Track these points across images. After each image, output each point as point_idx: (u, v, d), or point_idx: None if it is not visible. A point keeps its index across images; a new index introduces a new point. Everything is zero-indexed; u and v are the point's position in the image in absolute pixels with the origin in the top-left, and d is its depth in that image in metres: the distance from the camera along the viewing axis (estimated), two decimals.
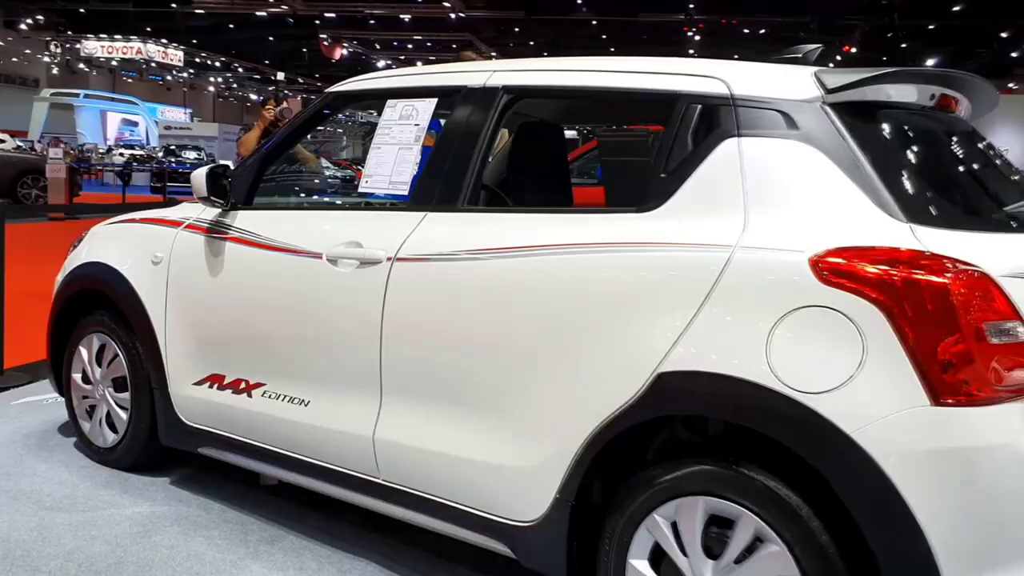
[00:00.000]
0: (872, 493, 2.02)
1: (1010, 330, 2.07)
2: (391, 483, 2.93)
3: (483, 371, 2.68)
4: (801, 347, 2.14)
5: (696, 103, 2.52)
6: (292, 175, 4.84)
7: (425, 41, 41.50)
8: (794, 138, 2.35)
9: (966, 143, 2.76)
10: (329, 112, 3.56)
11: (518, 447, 2.60)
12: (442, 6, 33.98)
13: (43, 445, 4.16)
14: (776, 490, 2.15)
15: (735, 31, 36.51)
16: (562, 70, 2.96)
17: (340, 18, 37.13)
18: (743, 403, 2.19)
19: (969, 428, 2.00)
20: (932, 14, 31.45)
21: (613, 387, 2.39)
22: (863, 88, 2.39)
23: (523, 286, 2.61)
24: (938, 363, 2.01)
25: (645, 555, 2.38)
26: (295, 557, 3.15)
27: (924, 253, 2.10)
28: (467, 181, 2.88)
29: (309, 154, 7.67)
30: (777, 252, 2.22)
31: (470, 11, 35.31)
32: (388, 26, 38.84)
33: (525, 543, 2.61)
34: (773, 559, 2.16)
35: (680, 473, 2.31)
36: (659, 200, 2.48)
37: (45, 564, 3.01)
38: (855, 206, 2.23)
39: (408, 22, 37.52)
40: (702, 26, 35.80)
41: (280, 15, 36.61)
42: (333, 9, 35.85)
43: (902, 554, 2.01)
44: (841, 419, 2.04)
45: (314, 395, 3.13)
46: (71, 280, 4.01)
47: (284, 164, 4.92)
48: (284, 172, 4.73)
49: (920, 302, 2.03)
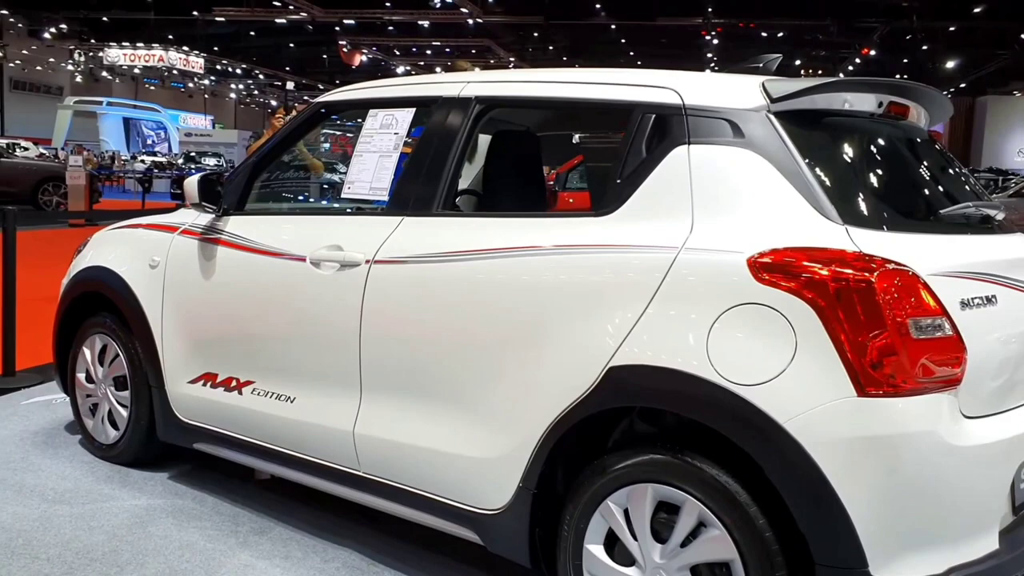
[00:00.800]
0: (801, 479, 2.14)
1: (935, 326, 2.20)
2: (371, 475, 3.07)
3: (452, 367, 2.83)
4: (738, 342, 2.27)
5: (650, 112, 2.65)
6: (282, 181, 5.00)
7: (444, 47, 41.77)
8: (740, 145, 2.47)
9: (916, 149, 2.88)
10: (316, 121, 3.72)
11: (484, 439, 2.74)
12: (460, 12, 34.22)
13: (50, 442, 4.34)
14: (717, 477, 2.28)
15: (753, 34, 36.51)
16: (531, 82, 3.10)
17: (359, 24, 37.47)
18: (684, 395, 2.32)
19: (892, 417, 2.12)
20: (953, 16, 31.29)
21: (569, 381, 2.52)
22: (807, 97, 2.52)
23: (488, 287, 2.75)
24: (863, 356, 2.13)
25: (600, 540, 2.52)
26: (282, 546, 3.31)
27: (854, 253, 2.22)
28: (441, 187, 3.02)
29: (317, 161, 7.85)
30: (718, 253, 2.35)
31: (488, 17, 35.51)
32: (407, 32, 39.16)
33: (491, 530, 2.75)
34: (714, 542, 2.29)
35: (631, 462, 2.44)
36: (615, 205, 2.62)
37: (44, 552, 3.18)
38: (794, 209, 2.36)
39: (427, 28, 37.79)
40: (719, 30, 35.81)
41: (299, 22, 36.97)
42: (352, 15, 36.17)
43: (829, 535, 2.13)
44: (773, 409, 2.17)
45: (299, 392, 3.28)
46: (75, 283, 4.20)
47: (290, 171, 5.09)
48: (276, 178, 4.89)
49: (847, 299, 2.16)
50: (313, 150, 7.85)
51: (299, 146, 5.94)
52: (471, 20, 34.67)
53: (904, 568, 2.13)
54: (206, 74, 46.07)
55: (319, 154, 8.68)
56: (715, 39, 36.78)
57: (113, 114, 43.54)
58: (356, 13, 35.83)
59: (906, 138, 2.88)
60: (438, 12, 34.87)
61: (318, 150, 5.64)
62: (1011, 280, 2.50)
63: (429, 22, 36.65)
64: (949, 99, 2.99)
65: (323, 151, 11.93)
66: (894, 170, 2.77)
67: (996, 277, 2.45)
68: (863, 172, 2.59)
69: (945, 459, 2.17)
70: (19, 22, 39.48)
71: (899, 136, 2.86)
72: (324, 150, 5.93)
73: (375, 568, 3.16)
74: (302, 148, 6.20)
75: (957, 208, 2.64)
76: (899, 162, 2.79)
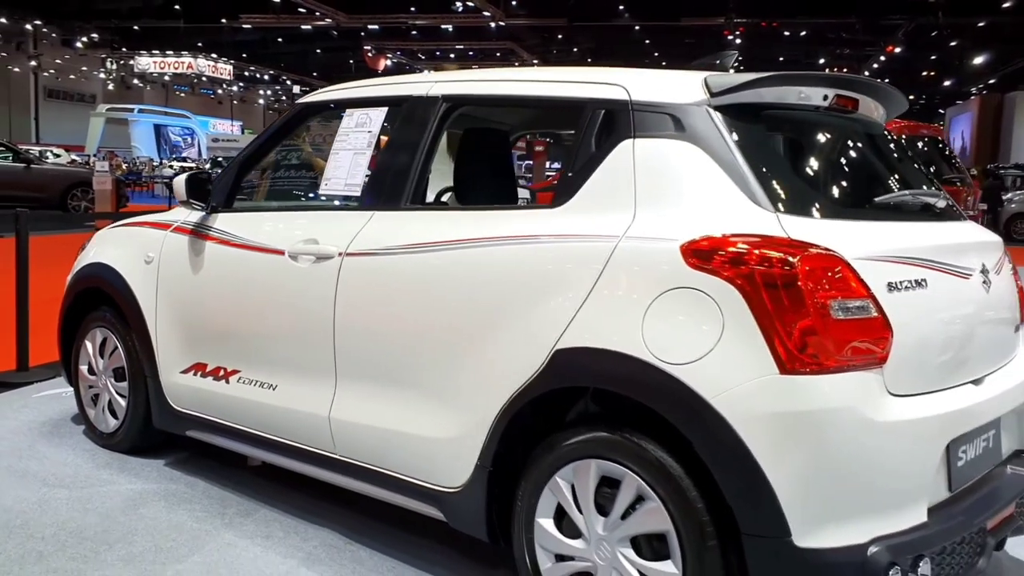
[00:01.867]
0: (726, 452, 2.26)
1: (859, 307, 2.31)
2: (346, 458, 3.22)
3: (416, 353, 2.97)
4: (670, 324, 2.39)
5: (600, 108, 2.78)
6: (268, 179, 5.18)
7: (467, 50, 42.02)
8: (681, 138, 2.60)
9: (864, 141, 2.98)
10: (299, 121, 3.88)
11: (445, 420, 2.88)
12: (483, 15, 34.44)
13: (56, 432, 4.53)
14: (653, 453, 2.40)
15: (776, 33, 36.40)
16: (493, 80, 3.24)
17: (383, 29, 37.81)
18: (621, 374, 2.45)
19: (813, 394, 2.23)
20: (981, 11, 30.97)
21: (520, 364, 2.66)
22: (746, 91, 2.63)
23: (448, 277, 2.89)
24: (785, 336, 2.24)
25: (550, 514, 2.64)
26: (264, 527, 3.47)
27: (779, 238, 2.34)
28: (409, 182, 3.17)
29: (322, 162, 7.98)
30: (655, 241, 2.48)
31: (511, 20, 35.70)
32: (430, 36, 39.44)
33: (452, 507, 2.89)
34: (651, 514, 2.41)
35: (577, 439, 2.57)
36: (566, 197, 2.75)
37: (40, 532, 3.35)
38: (729, 198, 2.47)
39: (450, 32, 38.06)
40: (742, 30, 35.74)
41: (324, 28, 37.39)
42: (376, 20, 36.53)
43: (753, 506, 2.25)
44: (701, 386, 2.29)
45: (281, 380, 3.44)
46: (77, 279, 4.39)
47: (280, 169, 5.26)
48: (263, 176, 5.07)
49: (770, 282, 2.27)
50: (319, 151, 8.00)
51: (306, 150, 6.11)
52: (492, 24, 34.83)
53: (827, 537, 2.23)
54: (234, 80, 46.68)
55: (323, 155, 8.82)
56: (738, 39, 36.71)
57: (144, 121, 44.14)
58: (380, 18, 36.20)
59: (855, 130, 2.99)
60: (461, 16, 35.11)
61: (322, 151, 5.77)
62: (943, 264, 2.60)
63: (452, 26, 36.92)
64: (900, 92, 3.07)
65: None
66: (835, 160, 2.88)
67: (927, 261, 2.55)
68: (800, 162, 2.70)
69: (867, 434, 2.27)
70: (52, 32, 40.22)
71: (848, 128, 2.96)
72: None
73: (351, 547, 3.31)
74: (310, 154, 6.32)
75: (893, 196, 2.74)
76: (841, 153, 2.90)
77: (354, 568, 3.15)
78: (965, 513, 2.51)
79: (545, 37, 41.15)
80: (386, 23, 36.78)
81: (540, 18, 36.76)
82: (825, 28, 35.64)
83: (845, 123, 2.96)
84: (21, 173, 17.78)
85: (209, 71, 42.78)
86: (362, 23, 36.76)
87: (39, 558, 3.14)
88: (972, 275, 2.71)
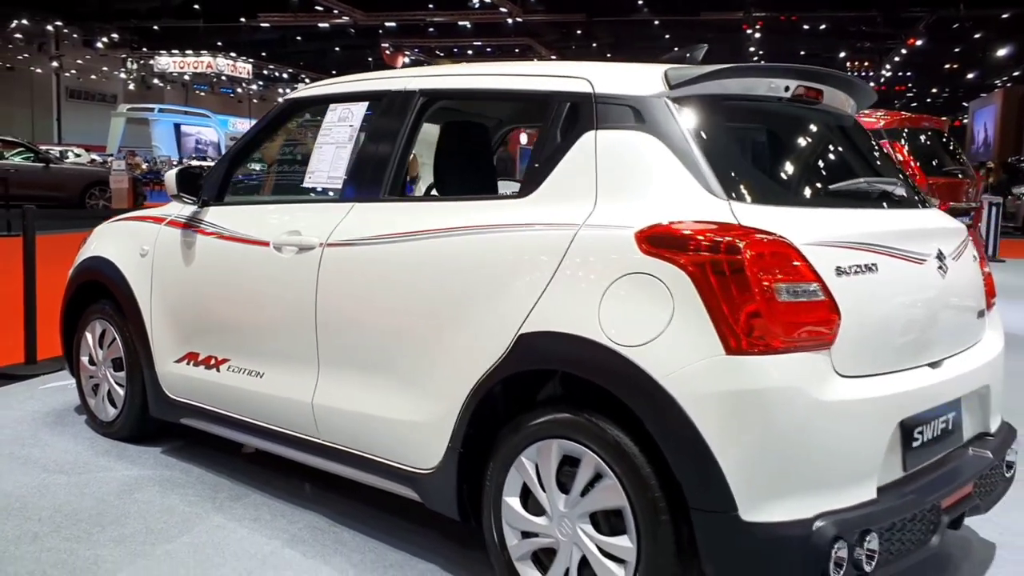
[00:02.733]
0: (675, 430, 2.35)
1: (806, 291, 2.38)
2: (329, 442, 3.33)
3: (390, 339, 3.08)
4: (624, 308, 2.47)
5: (566, 101, 2.87)
6: (259, 173, 5.31)
7: (485, 46, 42.06)
8: (640, 129, 2.68)
9: (825, 131, 3.05)
10: (286, 117, 3.99)
11: (419, 404, 2.98)
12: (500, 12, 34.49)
13: (59, 421, 4.68)
14: (610, 432, 2.49)
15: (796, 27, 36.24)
16: (468, 75, 3.34)
17: (400, 27, 37.94)
18: (578, 356, 2.54)
19: (758, 374, 2.31)
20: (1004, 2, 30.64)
21: (487, 349, 2.76)
22: (704, 83, 2.72)
23: (420, 265, 2.99)
24: (731, 318, 2.32)
25: (516, 493, 2.74)
26: (253, 510, 3.58)
27: (727, 224, 2.42)
28: (388, 174, 3.27)
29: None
30: (612, 229, 2.57)
31: (528, 16, 35.72)
32: (448, 33, 39.52)
33: (426, 488, 2.99)
34: (608, 490, 2.50)
35: (540, 420, 2.67)
36: (533, 187, 2.85)
37: (37, 514, 3.49)
38: (683, 187, 2.56)
39: (468, 28, 38.14)
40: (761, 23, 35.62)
41: (342, 26, 37.57)
42: (393, 18, 36.65)
43: (700, 481, 2.33)
44: (651, 367, 2.38)
45: (267, 368, 3.56)
46: (78, 273, 4.53)
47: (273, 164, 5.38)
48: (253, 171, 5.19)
49: (717, 266, 2.35)
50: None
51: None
52: (509, 20, 34.88)
53: (773, 512, 2.31)
54: (253, 79, 46.99)
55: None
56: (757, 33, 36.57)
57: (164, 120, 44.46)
58: (397, 15, 36.30)
59: (820, 121, 3.06)
60: (478, 12, 35.18)
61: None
62: (896, 250, 2.67)
63: (470, 22, 36.99)
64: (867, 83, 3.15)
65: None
66: (794, 150, 2.95)
67: (879, 247, 2.62)
68: (759, 152, 2.78)
69: (812, 413, 2.34)
70: (73, 32, 40.66)
71: (812, 119, 3.03)
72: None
73: (335, 528, 3.42)
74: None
75: (848, 184, 2.81)
76: (801, 142, 2.98)
77: (336, 548, 3.26)
78: (917, 491, 2.58)
79: (564, 33, 41.11)
80: (403, 20, 36.89)
81: (558, 13, 36.77)
82: (845, 21, 35.42)
83: (809, 114, 3.03)
84: (40, 173, 18.12)
85: (228, 70, 43.11)
86: (379, 21, 36.89)
87: (34, 538, 3.27)
88: (927, 261, 2.78)
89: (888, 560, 2.45)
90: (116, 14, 38.14)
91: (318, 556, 3.19)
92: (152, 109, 43.56)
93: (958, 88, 48.59)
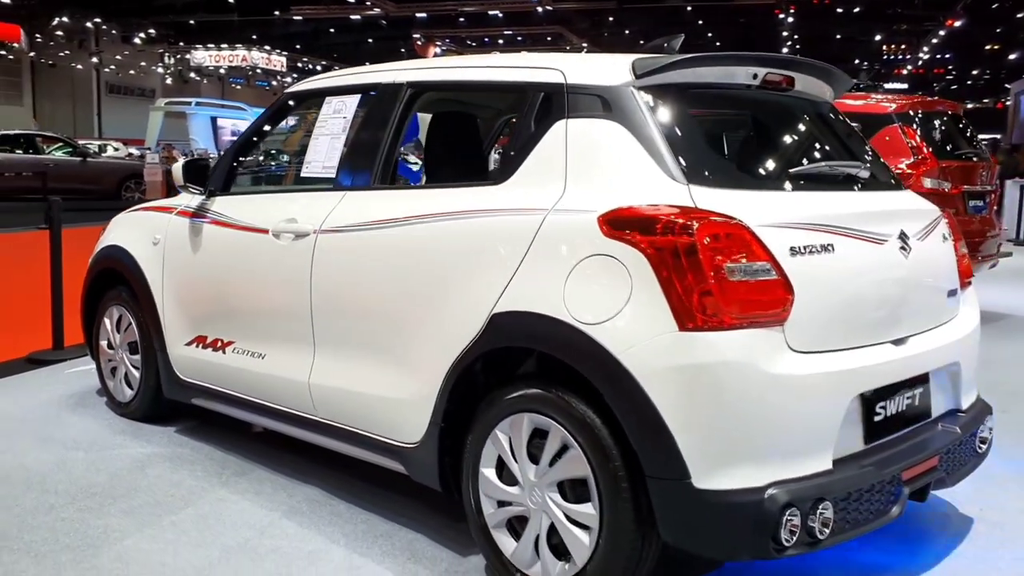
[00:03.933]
0: (631, 402, 2.47)
1: (758, 270, 2.50)
2: (324, 419, 3.50)
3: (378, 320, 3.24)
4: (587, 287, 2.61)
5: (540, 91, 3.00)
6: (263, 164, 5.49)
7: (516, 35, 42.13)
8: (607, 118, 2.81)
9: (794, 116, 3.15)
10: (286, 110, 4.16)
11: (403, 382, 3.13)
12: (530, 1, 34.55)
13: (81, 403, 4.91)
14: (575, 405, 2.63)
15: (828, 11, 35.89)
16: (451, 67, 3.48)
17: (431, 18, 38.12)
18: (545, 334, 2.68)
19: (709, 349, 2.43)
20: None
21: (464, 328, 2.90)
22: (668, 72, 2.83)
23: (403, 249, 3.15)
24: (684, 296, 2.44)
25: (492, 464, 2.88)
26: (256, 485, 3.77)
27: (683, 207, 2.54)
28: (377, 163, 3.43)
29: None
30: (577, 213, 2.70)
31: (558, 3, 35.71)
32: (479, 22, 39.66)
33: (411, 461, 3.15)
34: (573, 461, 2.64)
35: (512, 395, 2.81)
36: (508, 174, 2.99)
37: (54, 487, 3.70)
38: (645, 173, 2.68)
39: (499, 18, 38.23)
40: (793, 8, 35.33)
41: (374, 17, 37.83)
42: (424, 9, 36.85)
43: (655, 451, 2.46)
44: (609, 343, 2.51)
45: (269, 349, 3.74)
46: (96, 261, 4.75)
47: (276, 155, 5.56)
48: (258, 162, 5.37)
49: (671, 247, 2.48)
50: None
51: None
52: (539, 8, 34.91)
53: (725, 480, 2.43)
54: (288, 72, 47.43)
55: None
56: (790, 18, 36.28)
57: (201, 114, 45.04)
58: (428, 6, 36.49)
59: (791, 107, 3.16)
60: (508, 2, 35.27)
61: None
62: (853, 230, 2.76)
63: (501, 12, 37.08)
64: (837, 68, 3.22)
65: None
66: (758, 135, 3.06)
67: (835, 228, 2.72)
68: (719, 138, 2.89)
69: (764, 386, 2.45)
70: (112, 29, 41.34)
71: (782, 105, 3.13)
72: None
73: (331, 501, 3.59)
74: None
75: (809, 168, 2.92)
76: (766, 128, 3.08)
77: (331, 519, 3.43)
78: (877, 464, 2.68)
79: (595, 21, 41.07)
80: (434, 11, 37.09)
81: (589, 1, 36.75)
82: (881, 3, 34.95)
83: (781, 100, 3.13)
84: (78, 167, 18.62)
85: (263, 63, 43.60)
86: (411, 12, 37.11)
87: (50, 509, 3.48)
88: (887, 241, 2.87)
89: (844, 528, 2.56)
90: (153, 10, 38.77)
91: (313, 526, 3.36)
92: (189, 103, 44.04)
93: (1000, 70, 47.78)
